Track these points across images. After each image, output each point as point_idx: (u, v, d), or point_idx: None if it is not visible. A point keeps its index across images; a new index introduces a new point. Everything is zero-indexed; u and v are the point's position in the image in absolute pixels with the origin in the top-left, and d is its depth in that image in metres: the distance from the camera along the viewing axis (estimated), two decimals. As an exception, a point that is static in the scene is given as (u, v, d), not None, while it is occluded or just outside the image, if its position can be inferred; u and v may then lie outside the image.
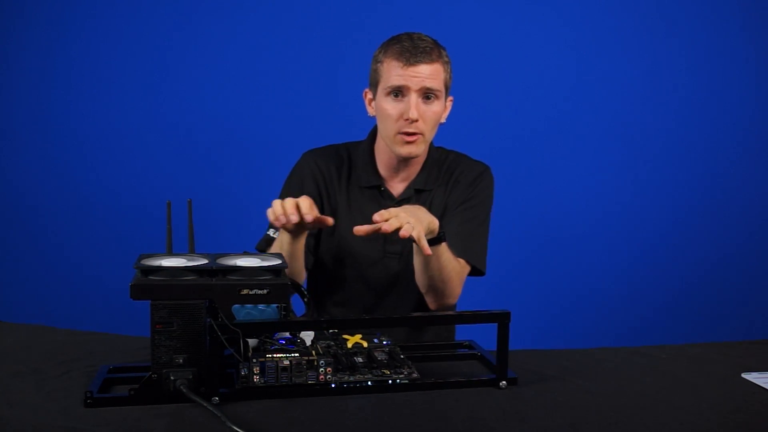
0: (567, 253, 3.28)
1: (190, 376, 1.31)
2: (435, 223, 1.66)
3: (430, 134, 1.81)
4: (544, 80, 3.22)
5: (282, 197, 1.80)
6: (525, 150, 3.23)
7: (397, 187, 1.89)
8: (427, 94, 1.76)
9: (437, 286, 1.78)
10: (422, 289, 1.83)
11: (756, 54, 3.23)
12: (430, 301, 1.84)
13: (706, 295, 3.26)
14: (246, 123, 3.19)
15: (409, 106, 1.74)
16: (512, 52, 3.21)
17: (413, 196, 1.88)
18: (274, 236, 1.82)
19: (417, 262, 1.78)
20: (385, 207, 1.77)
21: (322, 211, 1.85)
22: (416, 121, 1.75)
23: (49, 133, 3.18)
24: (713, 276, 3.27)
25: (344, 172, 1.90)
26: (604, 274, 3.27)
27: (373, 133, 1.92)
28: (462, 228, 1.86)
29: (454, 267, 1.78)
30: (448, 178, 1.92)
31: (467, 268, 1.86)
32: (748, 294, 3.26)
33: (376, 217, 1.54)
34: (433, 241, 1.67)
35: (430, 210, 1.75)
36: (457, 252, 1.81)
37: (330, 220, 1.65)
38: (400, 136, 1.77)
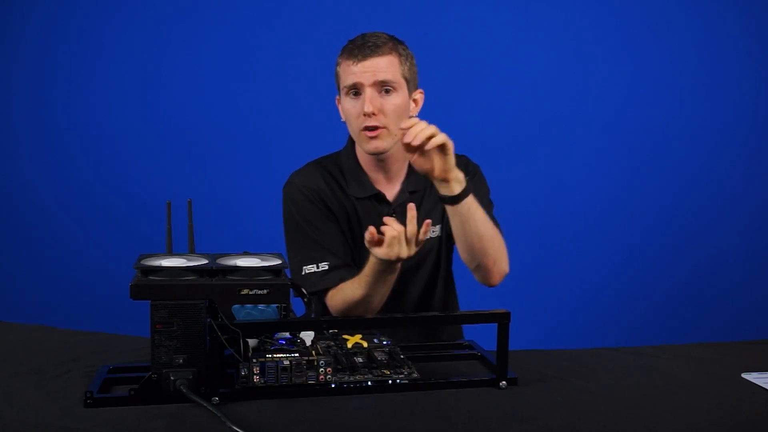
0: (567, 254, 3.28)
1: (190, 376, 1.31)
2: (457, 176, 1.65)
3: (394, 126, 1.76)
4: (544, 81, 3.22)
5: (291, 236, 1.85)
6: (525, 150, 3.23)
7: (390, 193, 1.87)
8: (384, 88, 1.75)
9: (478, 258, 1.73)
10: (468, 266, 1.78)
11: (756, 55, 3.22)
12: (479, 277, 1.80)
13: (705, 295, 3.26)
14: (246, 123, 3.19)
15: (364, 101, 1.74)
16: (512, 54, 3.20)
17: (408, 198, 1.84)
18: (322, 268, 1.79)
19: (454, 229, 1.72)
20: (383, 214, 1.77)
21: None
22: (373, 114, 1.73)
23: (49, 133, 3.18)
24: (713, 276, 3.27)
25: (335, 186, 1.86)
26: (604, 274, 3.26)
27: (351, 142, 1.89)
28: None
29: (492, 230, 1.73)
30: None
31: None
32: (748, 294, 3.26)
33: (403, 125, 1.61)
34: (454, 200, 1.65)
35: (424, 210, 1.78)
36: None
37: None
38: (363, 133, 1.76)
